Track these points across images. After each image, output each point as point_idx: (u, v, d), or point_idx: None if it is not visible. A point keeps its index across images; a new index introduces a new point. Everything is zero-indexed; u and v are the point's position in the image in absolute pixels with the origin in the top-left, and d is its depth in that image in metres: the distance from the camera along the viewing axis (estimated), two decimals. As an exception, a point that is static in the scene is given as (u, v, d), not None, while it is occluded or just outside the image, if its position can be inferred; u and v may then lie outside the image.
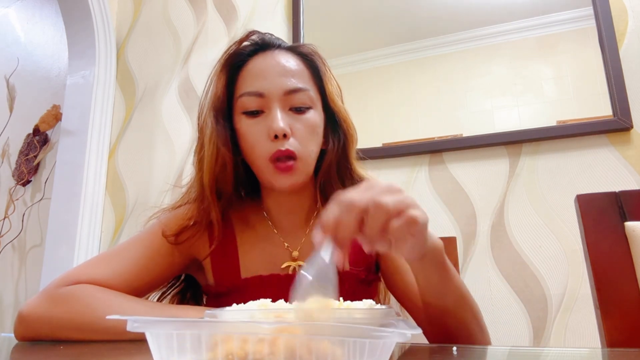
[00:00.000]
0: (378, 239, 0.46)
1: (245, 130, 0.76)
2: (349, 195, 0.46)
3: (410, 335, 0.31)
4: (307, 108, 0.77)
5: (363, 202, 0.45)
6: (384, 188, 0.47)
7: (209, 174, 0.77)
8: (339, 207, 0.46)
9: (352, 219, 0.45)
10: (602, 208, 0.74)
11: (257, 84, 0.76)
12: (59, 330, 0.66)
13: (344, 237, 0.45)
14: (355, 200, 0.45)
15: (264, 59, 0.78)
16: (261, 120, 0.75)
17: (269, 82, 0.75)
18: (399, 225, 0.45)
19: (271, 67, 0.77)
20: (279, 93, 0.75)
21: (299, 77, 0.78)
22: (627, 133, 1.34)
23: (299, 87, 0.76)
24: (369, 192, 0.47)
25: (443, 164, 1.53)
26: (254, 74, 0.77)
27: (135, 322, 0.32)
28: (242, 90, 0.77)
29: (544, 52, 1.49)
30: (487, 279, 1.39)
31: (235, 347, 0.31)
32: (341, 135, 0.82)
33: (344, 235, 0.45)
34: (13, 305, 2.18)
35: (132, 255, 0.76)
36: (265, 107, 0.76)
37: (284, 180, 0.74)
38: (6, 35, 2.67)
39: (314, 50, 0.83)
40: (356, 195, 0.46)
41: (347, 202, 0.46)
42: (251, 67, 0.78)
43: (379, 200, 0.45)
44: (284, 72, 0.76)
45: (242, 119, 0.77)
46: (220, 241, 0.79)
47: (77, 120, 2.03)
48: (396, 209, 0.46)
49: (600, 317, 0.69)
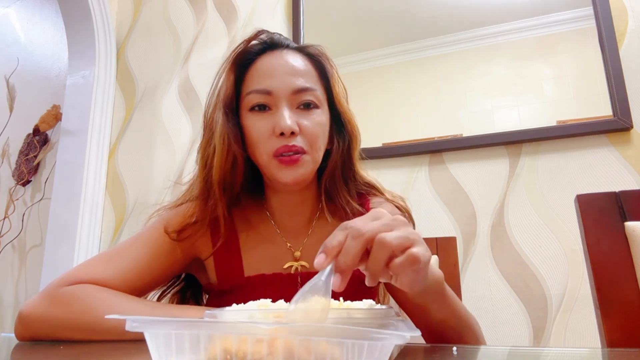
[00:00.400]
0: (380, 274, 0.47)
1: (252, 126, 0.76)
2: (355, 224, 0.46)
3: (409, 337, 0.31)
4: (314, 107, 0.77)
5: (369, 233, 0.45)
6: (390, 221, 0.47)
7: (219, 170, 0.76)
8: (345, 234, 0.46)
9: (357, 248, 0.45)
10: (602, 208, 0.74)
11: (265, 82, 0.76)
12: (59, 330, 0.66)
13: (346, 265, 0.45)
14: (361, 230, 0.45)
15: (272, 58, 0.79)
16: (268, 116, 0.76)
17: (277, 80, 0.76)
18: (400, 262, 0.45)
19: (279, 66, 0.77)
20: (287, 92, 0.75)
21: (306, 76, 0.78)
22: (627, 133, 1.34)
23: (306, 86, 0.76)
24: (375, 223, 0.47)
25: (443, 164, 1.53)
26: (262, 73, 0.77)
27: (134, 322, 0.32)
28: (250, 88, 0.77)
29: (544, 52, 1.49)
30: (487, 279, 1.39)
31: (234, 348, 0.31)
32: (346, 136, 0.82)
33: (346, 262, 0.45)
34: (13, 305, 2.18)
35: (133, 254, 0.76)
36: (273, 104, 0.76)
37: (288, 173, 0.74)
38: (6, 35, 2.67)
39: (322, 51, 0.83)
40: (362, 225, 0.46)
41: (353, 231, 0.46)
42: (259, 66, 0.79)
43: (384, 237, 0.45)
44: (292, 71, 0.77)
45: (249, 116, 0.77)
46: (224, 239, 0.79)
47: (77, 120, 2.03)
48: (400, 246, 0.45)
49: (600, 317, 0.69)
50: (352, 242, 0.45)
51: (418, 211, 1.51)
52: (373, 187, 0.86)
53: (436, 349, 0.56)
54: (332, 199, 0.83)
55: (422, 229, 1.48)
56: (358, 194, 0.85)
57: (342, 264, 0.44)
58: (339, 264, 0.45)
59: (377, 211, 0.49)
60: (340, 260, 0.45)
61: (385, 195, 0.86)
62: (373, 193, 0.86)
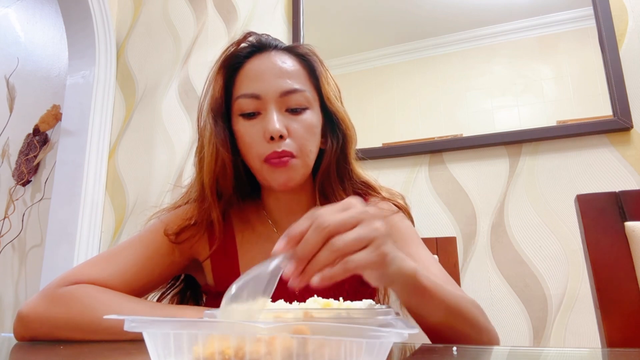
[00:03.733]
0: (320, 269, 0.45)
1: (243, 132, 0.77)
2: (321, 214, 0.45)
3: (408, 335, 0.31)
4: (304, 109, 0.77)
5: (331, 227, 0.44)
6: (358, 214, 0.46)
7: (209, 174, 0.77)
8: (309, 223, 0.45)
9: (316, 240, 0.44)
10: (602, 208, 0.74)
11: (253, 85, 0.76)
12: (58, 330, 0.66)
13: (303, 254, 0.44)
14: (324, 223, 0.44)
15: (260, 61, 0.79)
16: (258, 121, 0.76)
17: (265, 83, 0.76)
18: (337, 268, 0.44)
19: (267, 69, 0.77)
20: (275, 94, 0.75)
21: (295, 77, 0.78)
22: (627, 133, 1.34)
23: (294, 88, 0.76)
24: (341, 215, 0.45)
25: (443, 164, 1.53)
26: (251, 76, 0.78)
27: (132, 322, 0.32)
28: (239, 92, 0.78)
29: (544, 52, 1.49)
30: (487, 279, 1.38)
31: (233, 347, 0.31)
32: (340, 136, 0.82)
33: (303, 252, 0.44)
34: (13, 305, 2.18)
35: (132, 255, 0.76)
36: (262, 108, 0.76)
37: (279, 175, 0.74)
38: (6, 35, 2.67)
39: (311, 50, 0.83)
40: (328, 216, 0.45)
41: (317, 222, 0.45)
42: (248, 69, 0.79)
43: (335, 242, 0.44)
44: (280, 73, 0.77)
45: (240, 121, 0.78)
46: (220, 241, 0.79)
47: (77, 120, 2.03)
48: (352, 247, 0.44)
49: (600, 317, 0.69)
50: (313, 233, 0.44)
51: (418, 211, 1.51)
52: (369, 186, 0.86)
53: (436, 349, 0.56)
54: (328, 198, 0.83)
55: (422, 229, 1.48)
56: (356, 193, 0.85)
57: (300, 253, 0.44)
58: (296, 253, 0.44)
59: (348, 202, 0.48)
60: (298, 249, 0.44)
61: (382, 194, 0.86)
62: (370, 192, 0.86)
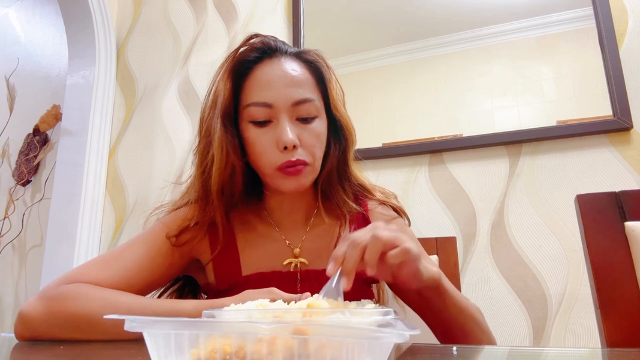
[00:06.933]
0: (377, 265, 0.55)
1: (254, 140, 0.77)
2: (355, 235, 0.56)
3: (409, 335, 0.31)
4: (313, 118, 0.78)
5: (365, 242, 0.55)
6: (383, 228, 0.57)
7: (218, 178, 0.77)
8: (347, 244, 0.56)
9: (356, 254, 0.55)
10: (602, 208, 0.74)
11: (264, 94, 0.76)
12: (57, 329, 0.66)
13: (348, 269, 0.54)
14: (358, 240, 0.55)
15: (270, 68, 0.78)
16: (269, 129, 0.76)
17: (276, 92, 0.76)
18: (394, 254, 0.55)
19: (278, 78, 0.77)
20: (287, 104, 0.75)
21: (305, 86, 0.78)
22: (627, 133, 1.34)
23: (306, 97, 0.77)
24: (370, 232, 0.56)
25: (443, 164, 1.53)
26: (262, 84, 0.77)
27: (133, 322, 0.32)
28: (250, 100, 0.77)
29: (544, 52, 1.49)
30: (487, 279, 1.38)
31: (234, 348, 0.31)
32: (342, 140, 0.84)
33: (348, 267, 0.55)
34: (13, 305, 2.18)
35: (133, 256, 0.76)
36: (273, 117, 0.76)
37: (292, 183, 0.76)
38: (6, 35, 2.67)
39: (319, 56, 0.83)
40: (360, 235, 0.56)
41: (353, 242, 0.56)
42: (258, 76, 0.78)
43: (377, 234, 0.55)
44: (292, 82, 0.77)
45: (250, 128, 0.77)
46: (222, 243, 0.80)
47: (77, 120, 2.02)
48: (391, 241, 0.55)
49: (600, 317, 0.69)
50: (352, 251, 0.55)
51: (418, 211, 1.51)
52: (364, 188, 0.88)
53: (436, 349, 0.56)
54: (329, 199, 0.85)
55: (422, 229, 1.48)
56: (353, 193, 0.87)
57: (346, 269, 0.55)
58: (344, 269, 0.55)
59: (374, 225, 0.59)
60: (344, 266, 0.55)
61: (376, 196, 0.88)
62: (364, 194, 0.88)
